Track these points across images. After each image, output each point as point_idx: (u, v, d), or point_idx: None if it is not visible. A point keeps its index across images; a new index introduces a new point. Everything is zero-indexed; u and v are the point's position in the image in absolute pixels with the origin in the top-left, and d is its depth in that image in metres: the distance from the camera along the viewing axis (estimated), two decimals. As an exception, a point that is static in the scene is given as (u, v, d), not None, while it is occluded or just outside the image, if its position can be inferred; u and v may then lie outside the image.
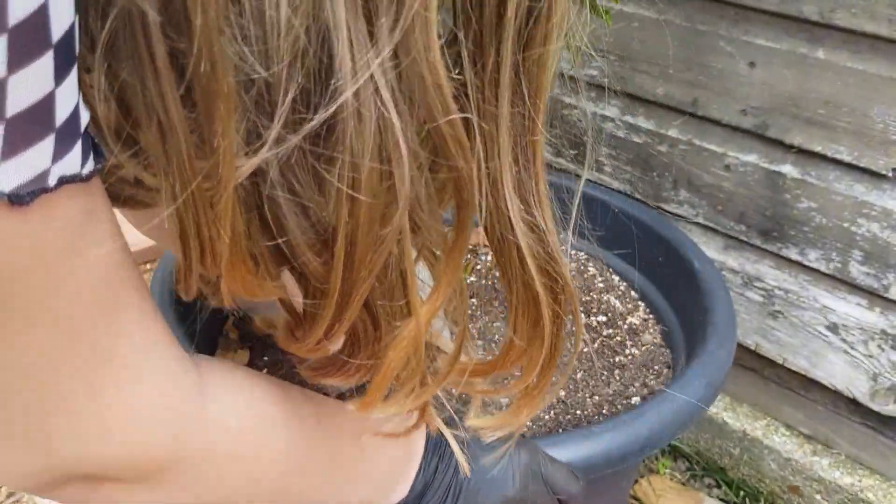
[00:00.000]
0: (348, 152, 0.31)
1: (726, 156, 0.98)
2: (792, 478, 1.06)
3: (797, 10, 0.84)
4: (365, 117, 0.30)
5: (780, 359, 1.03)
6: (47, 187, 0.27)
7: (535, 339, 0.43)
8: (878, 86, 0.82)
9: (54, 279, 0.29)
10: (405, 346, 0.38)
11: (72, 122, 0.27)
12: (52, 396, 0.32)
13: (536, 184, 0.39)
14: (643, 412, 0.63)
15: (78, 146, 0.28)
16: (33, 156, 0.26)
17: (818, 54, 0.85)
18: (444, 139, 0.33)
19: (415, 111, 0.32)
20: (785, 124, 0.90)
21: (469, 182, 0.35)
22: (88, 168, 0.29)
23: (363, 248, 0.33)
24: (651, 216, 0.92)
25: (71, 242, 0.29)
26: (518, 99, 0.36)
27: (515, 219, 0.38)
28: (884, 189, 0.86)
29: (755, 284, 1.02)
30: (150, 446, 0.37)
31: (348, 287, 0.35)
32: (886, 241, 0.87)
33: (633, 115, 1.05)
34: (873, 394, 0.95)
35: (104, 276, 0.32)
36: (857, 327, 0.94)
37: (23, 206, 0.26)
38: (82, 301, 0.31)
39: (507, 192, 0.37)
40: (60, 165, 0.27)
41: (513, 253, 0.39)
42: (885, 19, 0.79)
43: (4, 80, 0.24)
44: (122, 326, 0.34)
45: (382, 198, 0.32)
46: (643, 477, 1.12)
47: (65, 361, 0.32)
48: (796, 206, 0.93)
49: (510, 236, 0.38)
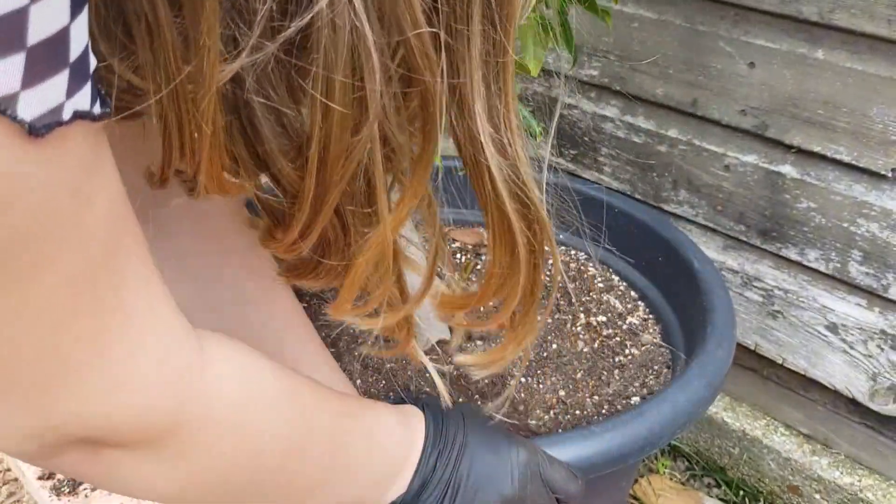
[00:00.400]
0: (322, 62, 0.32)
1: (726, 156, 0.98)
2: (791, 477, 1.06)
3: (796, 10, 0.84)
4: (339, 28, 0.32)
5: (780, 359, 1.03)
6: (62, 120, 0.27)
7: (512, 269, 0.45)
8: (878, 86, 0.82)
9: (65, 223, 0.29)
10: (373, 251, 0.40)
11: (83, 60, 0.28)
12: (55, 350, 0.32)
13: (508, 110, 0.40)
14: (643, 412, 0.63)
15: (89, 86, 0.29)
16: (50, 88, 0.26)
17: (817, 55, 0.85)
18: (413, 52, 0.34)
19: (385, 24, 0.33)
20: (784, 124, 0.90)
21: (433, 95, 0.36)
22: (98, 109, 0.29)
23: (335, 154, 0.35)
24: (651, 216, 0.93)
25: (81, 185, 0.30)
26: (488, 22, 0.37)
27: (486, 140, 0.39)
28: (883, 189, 0.86)
29: (755, 284, 1.02)
30: (151, 406, 0.37)
31: (321, 191, 0.37)
32: (886, 241, 0.87)
33: (633, 115, 1.05)
34: (873, 394, 0.95)
35: (110, 227, 0.32)
36: (856, 327, 0.94)
37: (38, 138, 0.26)
38: (90, 250, 0.31)
39: (477, 113, 0.39)
40: (73, 101, 0.28)
41: (484, 176, 0.41)
42: (884, 19, 0.79)
43: (27, 8, 0.24)
44: (127, 280, 0.34)
45: (354, 107, 0.34)
46: (643, 476, 1.12)
47: (69, 313, 0.32)
48: (796, 206, 0.93)
49: (481, 158, 0.40)
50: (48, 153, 0.27)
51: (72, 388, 0.34)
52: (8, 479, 1.15)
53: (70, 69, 0.27)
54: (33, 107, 0.26)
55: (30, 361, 0.32)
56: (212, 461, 0.41)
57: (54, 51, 0.26)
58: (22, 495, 1.10)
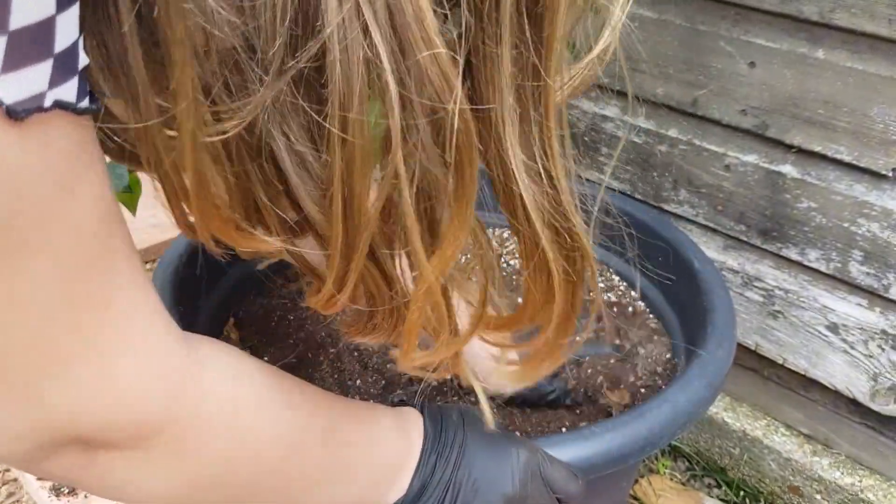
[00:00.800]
0: (336, 94, 0.31)
1: (726, 156, 0.98)
2: (792, 478, 1.06)
3: (797, 9, 0.84)
4: (351, 56, 0.30)
5: (780, 359, 1.03)
6: (42, 106, 0.27)
7: (549, 294, 0.43)
8: (878, 86, 0.82)
9: (51, 211, 0.29)
10: (419, 301, 0.38)
11: (70, 54, 0.28)
12: (46, 340, 0.32)
13: (548, 136, 0.37)
14: (643, 412, 0.63)
15: (75, 81, 0.29)
16: (31, 75, 0.27)
17: (818, 54, 0.85)
18: (427, 75, 0.32)
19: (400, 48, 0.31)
20: (785, 124, 0.90)
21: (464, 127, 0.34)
22: (84, 103, 0.29)
23: (360, 192, 0.33)
24: (651, 216, 0.92)
25: (64, 176, 0.30)
26: (521, 43, 0.35)
27: (518, 169, 0.37)
28: (884, 189, 0.86)
29: (755, 284, 1.02)
30: (141, 403, 0.36)
31: (351, 235, 0.35)
32: (886, 241, 0.87)
33: (634, 115, 1.05)
34: (873, 394, 0.95)
35: (97, 223, 0.32)
36: (857, 327, 0.94)
37: (18, 122, 0.27)
38: (79, 241, 0.31)
39: (508, 140, 0.36)
40: (56, 91, 0.28)
41: (516, 204, 0.38)
42: (884, 19, 0.79)
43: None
44: (115, 278, 0.34)
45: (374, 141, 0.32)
46: (643, 477, 1.12)
47: (60, 303, 0.31)
48: (796, 206, 0.93)
49: (513, 186, 0.37)
50: (30, 138, 0.28)
51: (62, 381, 0.33)
52: (7, 480, 1.15)
53: (55, 60, 0.27)
54: (13, 91, 0.26)
55: (20, 352, 0.32)
56: (204, 462, 0.41)
57: (38, 39, 0.26)
58: (21, 495, 1.10)
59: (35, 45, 0.26)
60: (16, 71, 0.26)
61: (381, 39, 0.31)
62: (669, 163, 1.03)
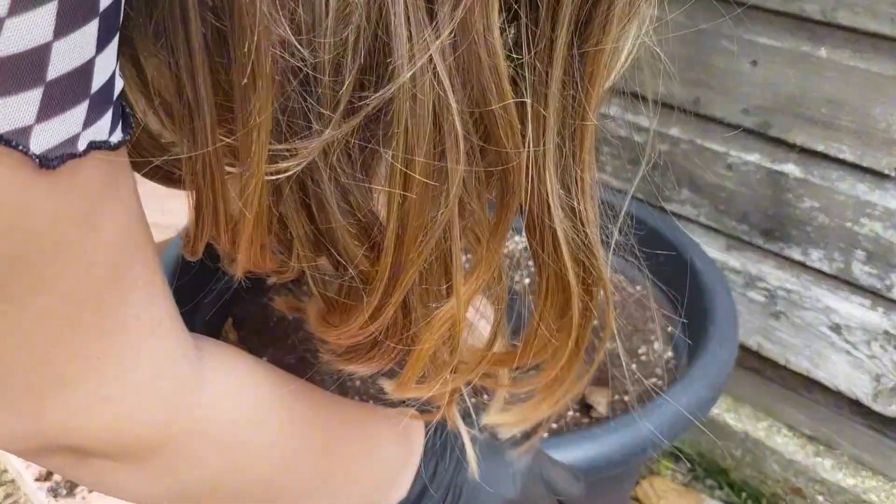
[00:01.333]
0: (403, 135, 0.30)
1: (728, 155, 0.97)
2: (794, 479, 1.05)
3: (799, 8, 0.84)
4: (421, 99, 0.30)
5: (783, 359, 1.02)
6: (76, 152, 0.27)
7: (560, 330, 0.42)
8: (881, 85, 0.81)
9: (68, 250, 0.29)
10: (442, 327, 0.38)
11: (106, 89, 0.28)
12: (49, 364, 0.32)
13: (582, 171, 0.38)
14: (644, 413, 0.63)
15: (109, 114, 0.28)
16: (66, 120, 0.26)
17: (820, 53, 0.85)
18: (496, 123, 0.32)
19: (468, 93, 0.31)
20: (787, 123, 0.90)
21: (517, 168, 0.34)
22: (117, 137, 0.29)
23: (413, 232, 0.33)
24: (652, 216, 0.92)
25: (88, 214, 0.29)
26: (570, 81, 0.35)
27: (554, 204, 0.37)
28: (886, 188, 0.85)
29: (757, 285, 1.01)
30: (138, 427, 0.36)
31: (396, 270, 0.34)
32: (889, 241, 0.87)
33: (635, 113, 1.05)
34: (876, 395, 0.95)
35: (117, 253, 0.32)
36: (859, 328, 0.93)
37: (49, 171, 0.26)
38: (92, 275, 0.31)
39: (549, 176, 0.36)
40: (90, 132, 0.27)
41: (547, 238, 0.38)
42: (887, 18, 0.78)
43: (49, 45, 0.24)
44: (129, 305, 0.34)
45: (434, 181, 0.32)
46: (644, 478, 1.11)
47: (67, 333, 0.31)
48: (799, 205, 0.93)
49: (547, 220, 0.37)
50: (57, 184, 0.27)
51: (60, 400, 0.33)
52: (5, 481, 1.14)
53: (90, 100, 0.27)
54: (46, 139, 0.25)
55: (22, 372, 0.32)
56: (199, 476, 0.41)
57: (76, 84, 0.26)
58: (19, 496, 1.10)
59: (73, 90, 0.26)
60: (51, 119, 0.25)
61: (451, 86, 0.30)
62: (671, 162, 1.03)
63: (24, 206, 0.26)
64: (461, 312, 0.38)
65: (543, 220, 0.37)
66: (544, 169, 0.36)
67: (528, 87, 0.34)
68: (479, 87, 0.31)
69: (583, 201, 0.38)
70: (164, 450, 0.38)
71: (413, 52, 0.29)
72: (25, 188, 0.26)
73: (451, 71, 0.30)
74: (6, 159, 0.25)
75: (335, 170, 0.32)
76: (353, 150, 0.32)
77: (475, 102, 0.32)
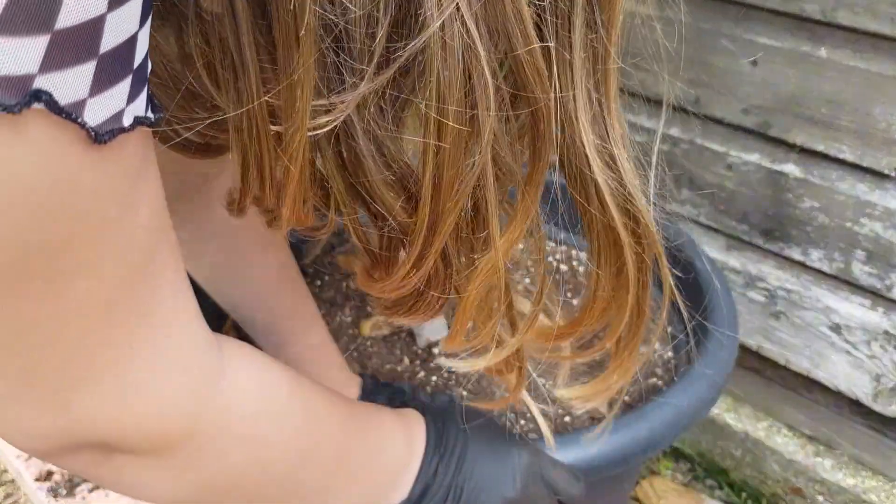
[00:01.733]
0: (435, 84, 0.31)
1: (728, 155, 0.97)
2: (794, 479, 1.05)
3: (799, 8, 0.84)
4: (451, 46, 0.30)
5: (783, 359, 1.02)
6: (124, 127, 0.27)
7: (619, 290, 0.42)
8: (881, 85, 0.81)
9: (110, 230, 0.29)
10: (484, 278, 0.38)
11: (143, 66, 0.28)
12: (80, 354, 0.32)
13: (612, 118, 0.38)
14: (644, 413, 0.63)
15: (145, 91, 0.28)
16: (115, 95, 0.26)
17: (820, 53, 0.85)
18: (524, 68, 0.33)
19: (495, 40, 0.32)
20: (787, 123, 0.90)
21: (546, 113, 0.34)
22: (152, 114, 0.29)
23: (449, 180, 0.34)
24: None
25: (127, 193, 0.29)
26: (591, 25, 0.35)
27: (591, 154, 0.37)
28: (886, 188, 0.85)
29: (757, 285, 1.01)
30: (166, 418, 0.37)
31: (433, 221, 0.35)
32: (889, 241, 0.87)
33: (634, 113, 1.05)
34: (876, 395, 0.95)
35: (150, 235, 0.32)
36: (859, 328, 0.93)
37: (101, 146, 0.26)
38: (129, 258, 0.31)
39: (583, 125, 0.36)
40: (133, 107, 0.27)
41: (591, 191, 0.38)
42: (887, 18, 0.78)
43: (103, 17, 0.24)
44: (159, 290, 0.34)
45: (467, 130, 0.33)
46: (644, 478, 1.11)
47: (102, 319, 0.32)
48: (799, 205, 0.93)
49: (587, 172, 0.37)
50: (106, 160, 0.27)
51: (90, 392, 0.33)
52: (5, 481, 1.14)
53: (133, 75, 0.27)
54: (98, 113, 0.26)
55: (55, 361, 0.32)
56: (221, 471, 0.41)
57: (122, 57, 0.26)
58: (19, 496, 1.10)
59: (120, 64, 0.26)
60: (102, 93, 0.25)
61: (479, 34, 0.31)
62: (671, 162, 1.03)
63: (76, 181, 0.26)
64: (501, 261, 0.38)
65: (584, 172, 0.37)
66: (576, 118, 0.36)
67: (551, 32, 0.34)
68: (505, 32, 0.32)
69: (618, 151, 0.38)
70: (189, 443, 0.38)
71: (441, 1, 0.30)
72: (78, 163, 0.26)
73: (476, 19, 0.31)
74: (63, 133, 0.25)
75: (369, 123, 0.33)
76: (386, 104, 0.33)
77: (502, 50, 0.32)
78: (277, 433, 0.43)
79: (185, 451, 0.38)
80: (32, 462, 0.96)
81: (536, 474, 0.54)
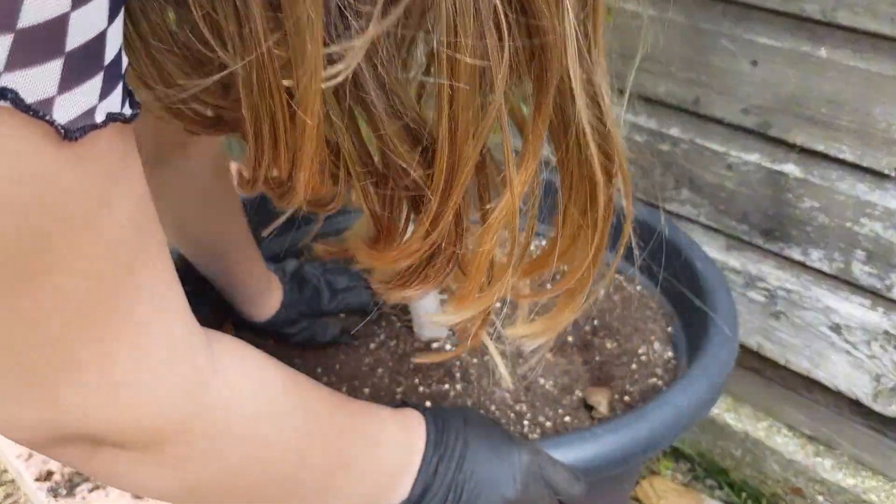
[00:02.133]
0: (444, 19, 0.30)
1: (728, 155, 0.97)
2: (794, 479, 1.05)
3: (799, 8, 0.84)
4: None
5: (783, 359, 1.02)
6: (95, 123, 0.27)
7: (582, 229, 0.41)
8: (881, 85, 0.81)
9: (87, 226, 0.29)
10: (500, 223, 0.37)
11: (116, 62, 0.28)
12: (63, 348, 0.32)
13: (599, 55, 0.37)
14: (644, 413, 0.63)
15: (120, 87, 0.28)
16: (85, 91, 0.26)
17: (820, 53, 0.85)
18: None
19: None
20: (787, 123, 0.90)
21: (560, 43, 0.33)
22: (127, 109, 0.29)
23: (465, 124, 0.33)
24: (652, 216, 0.92)
25: (105, 191, 0.29)
26: None
27: (577, 90, 0.36)
28: (886, 188, 0.85)
29: (757, 285, 1.01)
30: (154, 413, 0.36)
31: (450, 169, 0.34)
32: (889, 241, 0.87)
33: (635, 113, 1.05)
34: (876, 395, 0.95)
35: (131, 232, 0.32)
36: (859, 328, 0.93)
37: (72, 142, 0.26)
38: (108, 254, 0.31)
39: (570, 58, 0.35)
40: (106, 103, 0.27)
41: (570, 125, 0.37)
42: (887, 18, 0.78)
43: (67, 16, 0.24)
44: (142, 287, 0.34)
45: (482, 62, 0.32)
46: (644, 478, 1.11)
47: (82, 315, 0.31)
48: (799, 205, 0.93)
49: (569, 109, 0.36)
50: (79, 157, 0.27)
51: (75, 384, 0.33)
52: (5, 481, 1.14)
53: (104, 71, 0.27)
54: (68, 110, 0.26)
55: (37, 355, 0.32)
56: (216, 469, 0.41)
57: (91, 55, 0.26)
58: (19, 496, 1.10)
59: (89, 61, 0.26)
60: (71, 90, 0.26)
61: None
62: (671, 162, 1.03)
63: (48, 178, 0.26)
64: (516, 202, 0.37)
65: (566, 110, 0.37)
66: (566, 52, 0.35)
67: None
68: None
69: (601, 87, 0.37)
70: (179, 439, 0.38)
71: None
72: (50, 160, 0.26)
73: None
74: (32, 130, 0.25)
75: (379, 70, 0.32)
76: (394, 49, 0.32)
77: None
78: (276, 432, 0.43)
79: (174, 448, 0.38)
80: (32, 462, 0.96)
81: (536, 474, 0.54)
